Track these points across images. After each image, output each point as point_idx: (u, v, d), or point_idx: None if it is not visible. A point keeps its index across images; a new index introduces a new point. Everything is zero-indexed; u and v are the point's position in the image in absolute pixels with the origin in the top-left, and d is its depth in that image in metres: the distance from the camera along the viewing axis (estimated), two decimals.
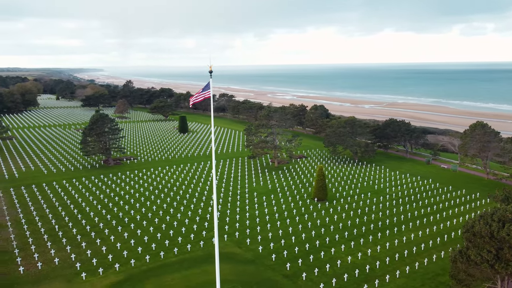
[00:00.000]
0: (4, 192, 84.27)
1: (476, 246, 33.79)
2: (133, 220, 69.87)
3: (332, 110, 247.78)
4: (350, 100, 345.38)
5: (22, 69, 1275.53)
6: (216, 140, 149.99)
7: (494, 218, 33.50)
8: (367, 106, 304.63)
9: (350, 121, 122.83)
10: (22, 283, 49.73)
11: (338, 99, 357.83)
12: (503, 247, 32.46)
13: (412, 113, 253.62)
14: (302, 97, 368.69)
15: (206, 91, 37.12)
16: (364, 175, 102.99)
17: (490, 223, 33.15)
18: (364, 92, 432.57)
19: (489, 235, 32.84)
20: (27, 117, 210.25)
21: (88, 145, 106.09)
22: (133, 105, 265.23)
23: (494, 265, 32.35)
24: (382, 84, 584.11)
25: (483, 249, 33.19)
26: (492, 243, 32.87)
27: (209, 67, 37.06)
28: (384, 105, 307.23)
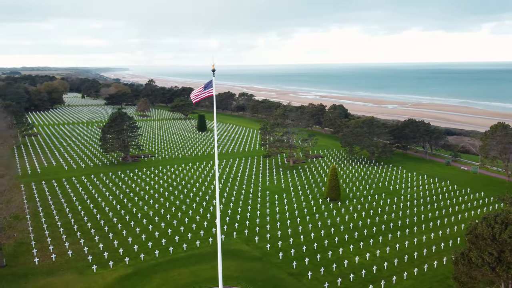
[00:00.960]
0: (26, 186, 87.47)
1: (478, 248, 33.13)
2: (146, 216, 71.41)
3: (354, 110, 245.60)
4: (373, 100, 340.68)
5: (51, 68, 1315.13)
6: (233, 138, 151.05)
7: (498, 220, 32.77)
8: (390, 106, 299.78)
9: (367, 121, 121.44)
10: (36, 274, 51.70)
11: (361, 99, 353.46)
12: (504, 249, 31.74)
13: (437, 113, 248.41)
14: (325, 97, 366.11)
15: (209, 89, 37.64)
16: (379, 175, 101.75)
17: (493, 225, 32.45)
18: (387, 92, 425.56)
19: (491, 238, 32.14)
20: (53, 114, 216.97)
21: (107, 142, 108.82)
22: (154, 104, 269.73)
23: (495, 268, 31.64)
24: (407, 84, 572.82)
25: (484, 252, 32.52)
26: (494, 245, 32.16)
27: (212, 66, 37.52)
28: (409, 106, 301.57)
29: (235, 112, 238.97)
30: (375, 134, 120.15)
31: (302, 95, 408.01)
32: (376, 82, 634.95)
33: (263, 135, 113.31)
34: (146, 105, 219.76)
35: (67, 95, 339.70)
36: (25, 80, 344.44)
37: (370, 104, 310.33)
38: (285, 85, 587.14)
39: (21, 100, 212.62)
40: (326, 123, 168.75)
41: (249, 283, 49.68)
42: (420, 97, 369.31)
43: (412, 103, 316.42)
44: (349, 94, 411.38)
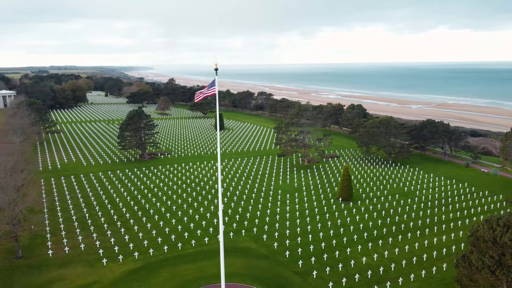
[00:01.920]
0: (46, 181, 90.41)
1: (480, 251, 32.49)
2: (158, 212, 72.77)
3: (376, 110, 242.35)
4: (396, 100, 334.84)
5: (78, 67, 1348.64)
6: (250, 137, 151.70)
7: (500, 223, 32.05)
8: (414, 106, 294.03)
9: (384, 121, 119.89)
10: (49, 265, 53.58)
11: (384, 99, 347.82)
12: (505, 252, 31.02)
13: (463, 114, 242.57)
14: (347, 97, 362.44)
15: (212, 88, 38.21)
16: (395, 176, 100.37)
17: (495, 228, 31.76)
18: (412, 92, 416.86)
19: (492, 240, 31.45)
20: (76, 112, 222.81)
21: (124, 139, 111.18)
22: (175, 102, 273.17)
23: (495, 271, 30.95)
24: (432, 84, 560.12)
25: (485, 254, 31.86)
26: (495, 248, 31.45)
27: (215, 65, 38.06)
28: (433, 106, 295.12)
29: (253, 111, 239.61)
30: (392, 134, 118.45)
31: (323, 94, 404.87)
32: (400, 81, 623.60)
33: (277, 134, 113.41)
34: (166, 104, 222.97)
35: (91, 93, 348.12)
36: (51, 78, 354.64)
37: (394, 104, 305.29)
38: (307, 84, 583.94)
39: (47, 98, 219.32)
40: (344, 123, 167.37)
41: (253, 280, 50.11)
42: (445, 97, 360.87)
43: (436, 104, 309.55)
44: (372, 94, 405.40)
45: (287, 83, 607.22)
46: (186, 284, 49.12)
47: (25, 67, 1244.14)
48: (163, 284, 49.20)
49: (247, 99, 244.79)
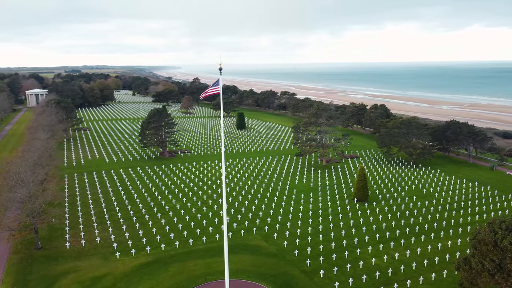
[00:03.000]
0: (69, 176, 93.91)
1: (481, 254, 31.79)
2: (173, 209, 74.38)
3: (405, 110, 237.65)
4: (426, 101, 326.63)
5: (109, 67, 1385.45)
6: (270, 137, 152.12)
7: (502, 226, 31.25)
8: (444, 107, 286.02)
9: (406, 122, 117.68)
10: (65, 257, 55.91)
11: (413, 99, 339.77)
12: (505, 256, 30.23)
13: (496, 115, 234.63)
14: (375, 96, 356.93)
15: (215, 87, 39.01)
16: (415, 178, 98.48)
17: (496, 231, 31.00)
18: (442, 92, 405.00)
19: (493, 243, 30.72)
20: (103, 110, 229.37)
21: (145, 137, 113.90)
22: (199, 101, 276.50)
23: (495, 275, 30.23)
24: (465, 83, 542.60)
25: (486, 258, 31.15)
26: (496, 251, 30.70)
27: (219, 65, 38.83)
28: (465, 106, 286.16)
29: (276, 111, 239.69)
30: (414, 135, 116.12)
31: (350, 94, 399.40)
32: (431, 81, 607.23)
33: (295, 134, 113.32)
34: (189, 103, 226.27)
35: (120, 92, 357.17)
36: (82, 78, 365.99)
37: (423, 105, 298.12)
38: (334, 84, 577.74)
39: (76, 96, 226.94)
40: (366, 123, 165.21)
41: (259, 277, 50.63)
42: (478, 97, 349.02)
43: (468, 104, 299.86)
44: (401, 94, 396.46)
45: (314, 83, 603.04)
46: (193, 279, 50.21)
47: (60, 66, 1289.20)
48: (171, 278, 50.47)
49: (270, 99, 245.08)
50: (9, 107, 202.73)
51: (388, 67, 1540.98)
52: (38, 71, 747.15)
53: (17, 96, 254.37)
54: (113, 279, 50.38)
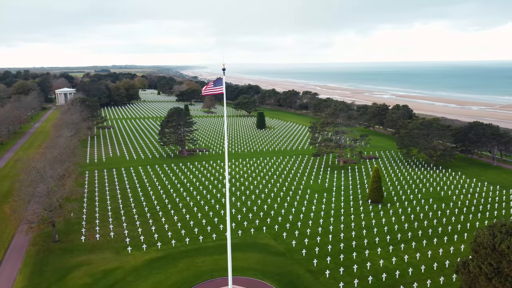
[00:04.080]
0: (90, 173, 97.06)
1: (480, 257, 31.17)
2: (187, 206, 75.80)
3: (432, 111, 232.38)
4: (456, 101, 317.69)
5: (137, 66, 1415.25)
6: (289, 136, 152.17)
7: (503, 229, 30.54)
8: (475, 107, 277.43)
9: (426, 123, 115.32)
10: (80, 250, 58.09)
11: (442, 100, 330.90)
12: (502, 260, 29.52)
13: None
14: (402, 96, 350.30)
15: (219, 86, 39.77)
16: (433, 180, 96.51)
17: (496, 234, 30.33)
18: (474, 93, 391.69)
19: (491, 247, 30.05)
20: (128, 109, 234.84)
21: (165, 136, 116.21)
22: (222, 101, 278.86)
23: (492, 279, 29.58)
24: (498, 83, 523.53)
25: (484, 261, 30.52)
26: (494, 255, 30.01)
27: (222, 65, 39.58)
28: (497, 107, 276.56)
29: (298, 111, 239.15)
30: (435, 136, 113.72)
31: (377, 94, 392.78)
32: (462, 81, 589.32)
33: (313, 134, 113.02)
34: (211, 102, 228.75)
35: (145, 91, 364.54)
36: (110, 77, 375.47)
37: (452, 105, 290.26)
38: (361, 84, 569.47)
39: (102, 95, 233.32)
40: (388, 124, 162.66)
41: (265, 275, 51.15)
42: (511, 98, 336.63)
43: (501, 105, 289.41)
44: (429, 94, 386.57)
45: (340, 83, 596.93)
46: (199, 274, 51.27)
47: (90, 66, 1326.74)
48: (178, 273, 51.69)
49: (292, 98, 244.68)
50: (39, 105, 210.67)
51: (417, 66, 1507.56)
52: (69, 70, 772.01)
53: (47, 95, 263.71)
54: (123, 272, 52.02)
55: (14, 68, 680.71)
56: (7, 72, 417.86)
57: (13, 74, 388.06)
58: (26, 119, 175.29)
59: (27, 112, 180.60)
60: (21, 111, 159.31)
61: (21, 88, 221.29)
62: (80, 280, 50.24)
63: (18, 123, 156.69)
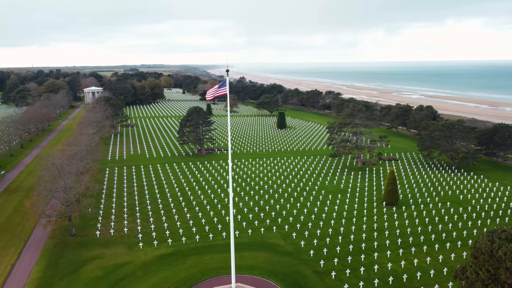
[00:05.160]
0: (110, 170, 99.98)
1: (478, 263, 30.50)
2: (200, 204, 77.06)
3: (462, 112, 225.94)
4: (488, 102, 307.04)
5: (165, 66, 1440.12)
6: (309, 136, 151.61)
7: (502, 235, 29.79)
8: (508, 109, 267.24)
9: (449, 124, 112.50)
10: (94, 244, 60.19)
11: (474, 100, 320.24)
12: (500, 267, 28.77)
13: None
14: (431, 97, 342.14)
15: (223, 88, 40.50)
16: (454, 183, 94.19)
17: (494, 240, 29.60)
18: (508, 93, 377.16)
19: (489, 253, 29.37)
20: (152, 108, 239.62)
21: (184, 135, 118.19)
22: (245, 100, 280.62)
23: (489, 285, 28.87)
24: None
25: (482, 267, 29.85)
26: (492, 261, 29.30)
27: (226, 67, 40.27)
28: None
29: (321, 111, 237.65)
30: (458, 138, 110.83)
31: (405, 94, 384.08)
32: (495, 81, 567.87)
33: (330, 134, 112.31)
34: (233, 102, 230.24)
35: (171, 90, 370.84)
36: (137, 76, 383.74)
37: (484, 106, 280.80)
38: (389, 83, 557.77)
39: (128, 94, 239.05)
40: (411, 125, 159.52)
41: (270, 274, 51.59)
42: None
43: None
44: (460, 94, 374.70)
45: (368, 82, 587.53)
46: (206, 272, 52.26)
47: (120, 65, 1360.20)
48: (186, 270, 52.83)
49: (314, 98, 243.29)
50: (68, 104, 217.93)
51: (448, 66, 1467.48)
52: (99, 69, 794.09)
53: (75, 93, 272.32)
54: (133, 267, 53.61)
55: (48, 67, 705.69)
56: (40, 71, 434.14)
57: (45, 73, 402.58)
58: (55, 117, 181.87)
59: (56, 110, 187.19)
60: (50, 109, 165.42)
61: (51, 86, 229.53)
62: (92, 273, 52.14)
63: (47, 121, 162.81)
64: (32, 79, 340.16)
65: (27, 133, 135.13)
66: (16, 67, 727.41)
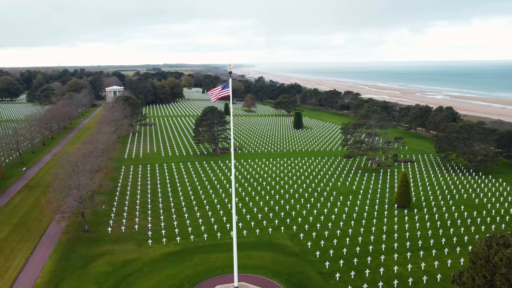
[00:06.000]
0: (126, 168, 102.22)
1: (476, 268, 30.03)
2: (211, 203, 77.99)
3: (488, 113, 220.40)
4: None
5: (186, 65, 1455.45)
6: (325, 137, 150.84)
7: (500, 241, 29.25)
8: None
9: (467, 126, 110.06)
10: (106, 240, 61.88)
11: (500, 101, 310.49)
12: (496, 273, 28.25)
13: None
14: (456, 97, 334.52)
15: (226, 89, 41.12)
16: (470, 186, 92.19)
17: (492, 246, 29.10)
18: None
19: (486, 258, 28.89)
20: (172, 107, 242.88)
21: (199, 134, 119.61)
22: (263, 100, 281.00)
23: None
24: None
25: (478, 273, 29.38)
26: (488, 267, 28.81)
27: (229, 68, 40.83)
28: None
29: (339, 111, 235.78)
30: (476, 140, 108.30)
31: (429, 94, 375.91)
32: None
33: (344, 135, 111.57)
34: (251, 101, 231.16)
35: (191, 90, 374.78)
36: (157, 76, 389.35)
37: (511, 107, 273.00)
38: (413, 83, 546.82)
39: (148, 93, 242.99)
40: (430, 126, 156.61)
41: (274, 274, 51.95)
42: None
43: None
44: (487, 95, 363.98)
45: (390, 82, 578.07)
46: (211, 270, 53.06)
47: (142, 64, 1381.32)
48: (192, 267, 53.77)
49: (333, 98, 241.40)
50: (89, 103, 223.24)
51: (475, 65, 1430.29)
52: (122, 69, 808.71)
53: (98, 92, 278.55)
54: (142, 263, 54.90)
55: (73, 67, 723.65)
56: (65, 71, 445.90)
57: (70, 73, 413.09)
58: (77, 115, 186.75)
59: (78, 108, 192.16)
60: (71, 107, 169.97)
61: (74, 86, 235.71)
62: (101, 268, 53.67)
63: (69, 119, 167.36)
64: (57, 78, 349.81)
65: (49, 131, 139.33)
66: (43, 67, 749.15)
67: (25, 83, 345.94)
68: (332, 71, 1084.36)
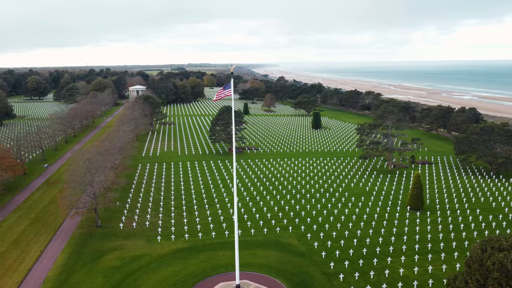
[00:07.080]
0: (142, 166, 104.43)
1: (470, 272, 29.51)
2: (222, 202, 78.91)
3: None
4: None
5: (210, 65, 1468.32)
6: (342, 137, 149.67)
7: (495, 245, 28.65)
8: None
9: (488, 128, 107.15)
10: (117, 235, 63.67)
11: None
12: (489, 277, 27.67)
13: None
14: (485, 98, 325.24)
15: (227, 89, 41.78)
16: (489, 190, 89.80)
17: (486, 249, 28.53)
18: None
19: (479, 262, 28.35)
20: (192, 106, 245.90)
21: (215, 133, 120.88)
22: (283, 100, 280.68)
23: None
24: None
25: (472, 277, 28.85)
26: (481, 271, 28.26)
27: (230, 69, 41.45)
28: None
29: (360, 111, 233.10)
30: (499, 142, 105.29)
31: (456, 95, 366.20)
32: None
33: (360, 136, 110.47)
34: (271, 101, 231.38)
35: (213, 89, 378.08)
36: (179, 76, 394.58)
37: None
38: (439, 83, 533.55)
39: (169, 93, 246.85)
40: (452, 127, 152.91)
41: (278, 273, 52.30)
42: None
43: None
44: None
45: (416, 82, 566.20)
46: (216, 267, 53.89)
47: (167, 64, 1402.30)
48: (198, 264, 54.73)
49: (354, 98, 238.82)
50: (112, 101, 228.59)
51: (506, 65, 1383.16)
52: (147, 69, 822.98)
53: (121, 91, 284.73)
54: (149, 259, 56.27)
55: (100, 66, 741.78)
56: (91, 70, 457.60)
57: (96, 72, 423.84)
58: (100, 114, 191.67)
59: (101, 107, 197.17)
60: (94, 106, 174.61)
61: (98, 85, 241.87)
62: (111, 263, 55.31)
63: (91, 118, 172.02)
64: (83, 77, 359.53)
65: (72, 129, 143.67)
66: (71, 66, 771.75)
67: (54, 82, 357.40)
68: (357, 70, 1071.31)
